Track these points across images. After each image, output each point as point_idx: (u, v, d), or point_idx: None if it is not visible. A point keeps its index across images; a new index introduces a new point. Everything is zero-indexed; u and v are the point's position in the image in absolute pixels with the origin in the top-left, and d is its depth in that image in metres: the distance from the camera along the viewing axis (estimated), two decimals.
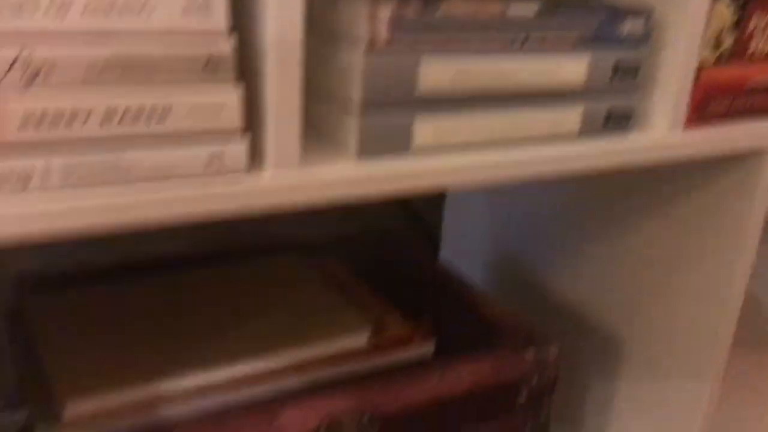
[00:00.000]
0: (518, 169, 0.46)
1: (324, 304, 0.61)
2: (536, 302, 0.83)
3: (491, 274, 0.90)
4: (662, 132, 0.53)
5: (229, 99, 0.36)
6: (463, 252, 0.94)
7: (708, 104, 0.55)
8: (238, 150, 0.37)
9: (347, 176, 0.40)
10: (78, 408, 0.47)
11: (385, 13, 0.39)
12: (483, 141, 0.45)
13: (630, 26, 0.49)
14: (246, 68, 0.39)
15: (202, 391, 0.51)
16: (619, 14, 0.48)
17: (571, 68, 0.47)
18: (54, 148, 0.33)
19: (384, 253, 0.78)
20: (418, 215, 1.04)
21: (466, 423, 0.59)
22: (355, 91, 0.40)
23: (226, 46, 0.35)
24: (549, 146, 0.48)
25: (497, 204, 0.88)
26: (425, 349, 0.59)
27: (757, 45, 0.56)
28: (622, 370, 0.74)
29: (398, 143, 0.43)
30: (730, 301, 0.64)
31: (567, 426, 0.82)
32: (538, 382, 0.62)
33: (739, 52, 0.55)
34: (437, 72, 0.42)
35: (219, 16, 0.35)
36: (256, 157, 0.39)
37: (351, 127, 0.41)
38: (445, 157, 0.44)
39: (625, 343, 0.73)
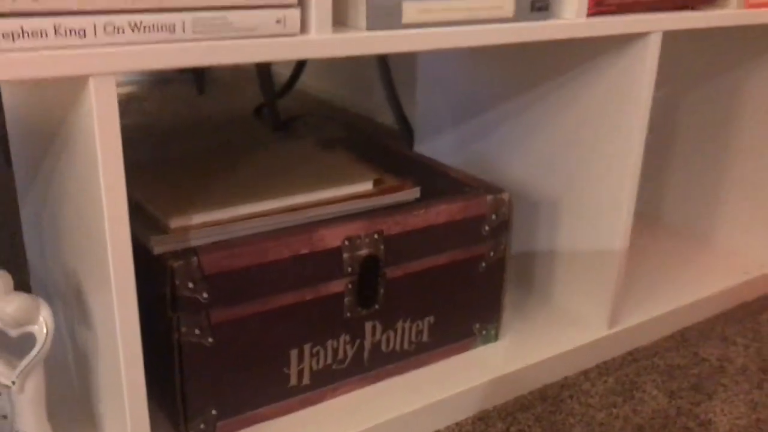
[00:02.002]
0: (473, 39, 0.67)
1: (341, 167, 0.81)
2: (487, 172, 1.04)
3: (452, 157, 1.11)
4: (571, 18, 0.74)
5: None
6: (433, 141, 1.15)
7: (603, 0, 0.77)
8: (294, 15, 0.56)
9: (360, 38, 0.60)
10: (178, 222, 0.67)
11: None
12: (448, 20, 0.66)
13: None
14: None
15: (265, 214, 0.70)
16: None
17: None
18: (188, 10, 0.52)
19: (378, 142, 0.98)
20: (402, 114, 1.28)
21: (445, 246, 0.80)
22: None
23: None
24: (493, 24, 0.69)
25: (455, 100, 1.09)
26: (413, 193, 0.80)
27: None
28: (546, 220, 0.96)
29: (392, 20, 0.63)
30: (630, 157, 0.86)
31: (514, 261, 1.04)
32: (497, 218, 0.83)
33: None
34: None
35: None
36: (305, 24, 0.59)
37: (361, 9, 0.61)
38: (423, 30, 0.64)
39: (549, 195, 0.95)
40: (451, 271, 0.81)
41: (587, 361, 0.91)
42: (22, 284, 0.79)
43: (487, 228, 0.83)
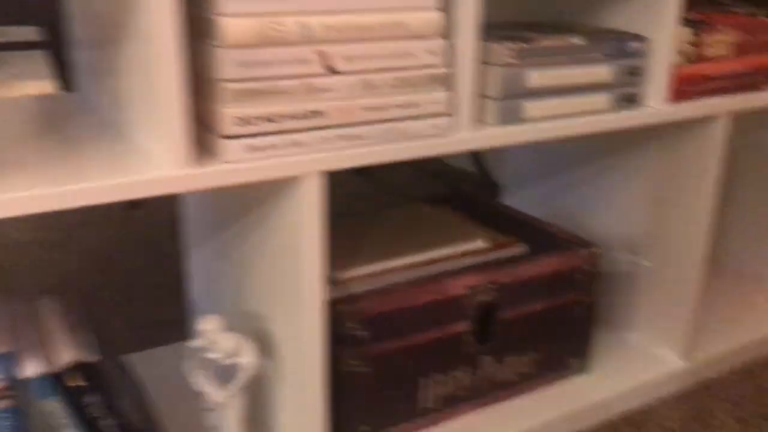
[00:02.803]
0: (577, 129, 0.83)
1: (457, 226, 0.98)
2: (571, 223, 1.19)
3: (538, 208, 1.27)
4: (655, 106, 0.90)
5: (441, 97, 0.73)
6: (518, 195, 1.31)
7: (681, 88, 0.92)
8: (447, 121, 0.74)
9: (493, 133, 0.77)
10: (344, 274, 0.84)
11: (511, 48, 0.76)
12: (559, 114, 0.82)
13: (634, 46, 0.86)
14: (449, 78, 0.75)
15: (404, 267, 0.87)
16: (628, 39, 0.86)
17: (602, 71, 0.84)
18: (378, 122, 0.69)
19: (477, 199, 1.15)
20: (485, 168, 1.44)
21: (547, 293, 0.95)
22: (495, 89, 0.77)
23: (444, 75, 0.72)
24: (591, 116, 0.85)
25: (543, 159, 1.25)
26: (521, 249, 0.96)
27: (708, 52, 0.94)
28: (627, 266, 1.11)
29: (515, 117, 0.80)
30: (702, 215, 1.00)
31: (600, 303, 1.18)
32: (590, 269, 0.98)
33: (697, 56, 0.93)
34: (537, 77, 0.79)
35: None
36: (455, 127, 0.76)
37: (492, 108, 0.78)
38: (541, 123, 0.81)
39: (629, 245, 1.10)
40: (551, 314, 0.97)
41: (665, 390, 1.06)
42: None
43: (581, 277, 0.98)
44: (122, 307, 1.33)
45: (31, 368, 0.65)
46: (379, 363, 0.85)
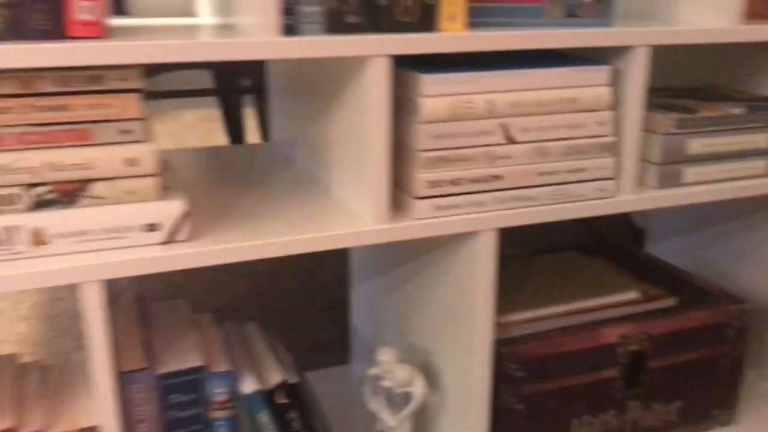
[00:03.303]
0: (733, 193, 0.87)
1: (609, 277, 1.03)
2: (715, 276, 1.21)
3: (683, 259, 1.29)
4: None
5: (607, 162, 0.80)
6: (662, 244, 1.34)
7: None
8: (611, 184, 0.80)
9: (655, 196, 0.83)
10: (504, 318, 0.92)
11: (673, 118, 0.82)
12: (719, 179, 0.87)
13: None
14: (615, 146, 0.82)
15: (561, 314, 0.94)
16: None
17: (761, 139, 0.88)
18: (548, 185, 0.78)
19: (623, 251, 1.19)
20: (633, 222, 1.48)
21: (695, 345, 0.99)
22: (657, 155, 0.83)
23: (611, 143, 0.79)
24: (748, 180, 0.89)
25: (690, 212, 1.28)
26: (671, 301, 1.00)
27: None
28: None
29: (675, 181, 0.85)
30: None
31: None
32: (739, 325, 1.01)
33: None
34: (695, 145, 0.85)
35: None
36: (618, 189, 0.82)
37: (653, 173, 0.84)
38: (699, 187, 0.86)
39: None
40: (699, 365, 1.00)
41: None
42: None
43: (730, 332, 1.01)
44: (285, 330, 1.47)
45: (247, 385, 0.77)
46: (534, 402, 0.92)
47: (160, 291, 1.62)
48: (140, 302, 0.86)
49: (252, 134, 2.30)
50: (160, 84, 1.94)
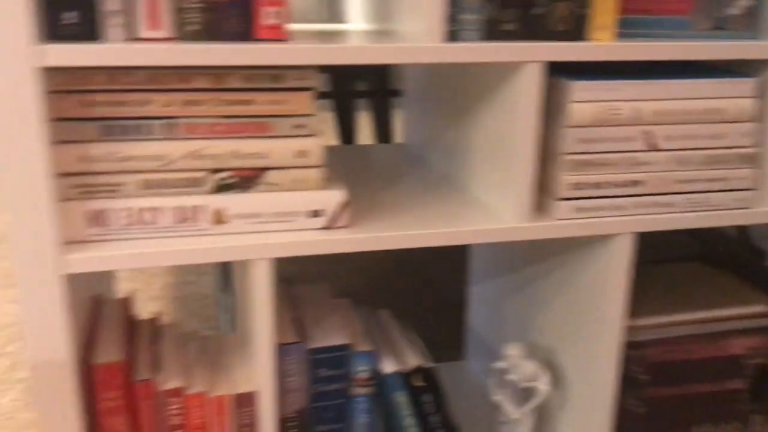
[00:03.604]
0: None
1: (735, 288, 1.04)
2: None
3: None
4: None
5: (747, 173, 0.81)
6: None
7: None
8: (750, 195, 0.81)
9: None
10: (633, 322, 0.94)
11: None
12: None
13: None
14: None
15: (688, 322, 0.95)
16: None
17: None
18: (684, 193, 0.79)
19: (747, 264, 1.19)
20: (751, 240, 1.46)
21: None
22: None
23: (752, 154, 0.80)
24: None
25: None
26: None
27: None
28: None
29: None
30: None
31: None
32: None
33: None
34: None
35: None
36: (758, 201, 0.83)
37: None
38: None
39: None
40: None
41: None
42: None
43: None
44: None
45: (387, 366, 0.82)
46: (656, 406, 0.93)
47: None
48: (287, 284, 0.93)
49: (363, 138, 2.38)
50: None
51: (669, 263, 1.15)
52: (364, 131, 2.40)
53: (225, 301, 1.54)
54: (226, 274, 1.60)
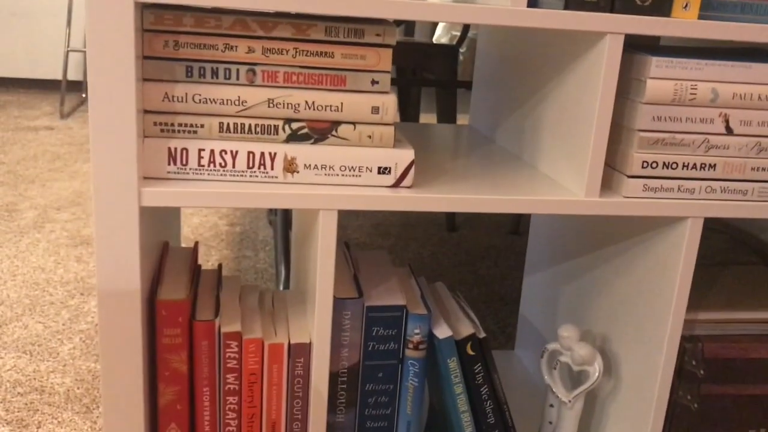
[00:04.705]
0: None
1: None
2: None
3: None
4: None
5: None
6: None
7: None
8: None
9: None
10: (691, 315, 0.92)
11: None
12: None
13: None
14: None
15: (748, 321, 0.93)
16: None
17: None
18: (760, 181, 0.78)
19: None
20: None
21: None
22: None
23: None
24: None
25: None
26: None
27: None
28: None
29: None
30: None
31: None
32: None
33: None
34: None
35: None
36: None
37: None
38: None
39: None
40: None
41: None
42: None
43: None
44: None
45: (441, 331, 0.83)
46: (711, 403, 0.91)
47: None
48: (346, 246, 0.94)
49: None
50: None
51: (730, 266, 1.13)
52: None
53: (281, 271, 1.57)
54: (286, 243, 1.62)
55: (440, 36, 4.10)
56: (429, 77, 2.14)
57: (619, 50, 0.72)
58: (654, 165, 0.76)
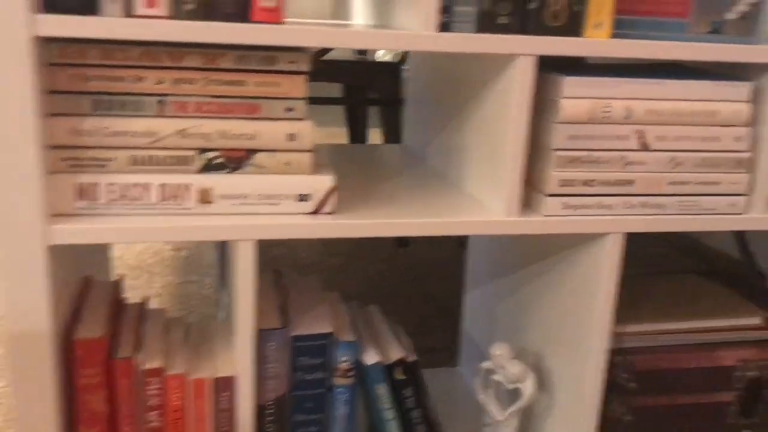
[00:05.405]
0: None
1: (729, 301, 1.02)
2: None
3: None
4: None
5: (740, 178, 0.80)
6: None
7: None
8: (742, 201, 0.81)
9: None
10: (619, 328, 0.93)
11: None
12: None
13: None
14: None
15: (678, 331, 0.94)
16: None
17: None
18: (675, 195, 0.79)
19: (744, 279, 1.17)
20: (751, 256, 1.45)
21: None
22: None
23: (746, 159, 0.79)
24: None
25: None
26: None
27: None
28: None
29: None
30: None
31: None
32: None
33: None
34: None
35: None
36: (749, 207, 0.82)
37: None
38: None
39: None
40: None
41: None
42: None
43: None
44: None
45: (369, 357, 0.82)
46: (644, 415, 0.92)
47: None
48: (277, 274, 0.93)
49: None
50: None
51: (664, 275, 1.14)
52: (376, 138, 2.42)
53: (223, 297, 1.54)
54: (225, 268, 1.60)
55: (384, 53, 4.11)
56: (374, 96, 2.14)
57: (530, 72, 0.73)
58: (572, 183, 0.77)
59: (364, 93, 2.28)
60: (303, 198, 0.74)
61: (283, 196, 0.73)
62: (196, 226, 0.70)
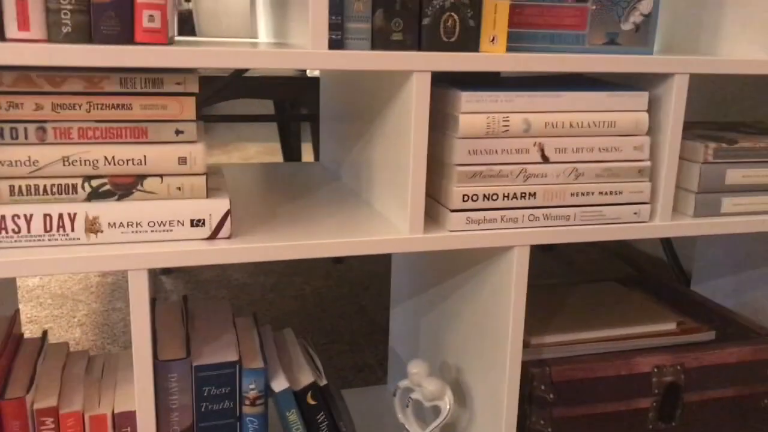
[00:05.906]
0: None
1: (646, 307, 1.03)
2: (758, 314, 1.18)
3: (726, 299, 1.27)
4: None
5: (642, 187, 0.81)
6: (707, 285, 1.32)
7: None
8: (647, 209, 0.81)
9: (690, 224, 0.83)
10: (537, 340, 0.92)
11: (711, 147, 0.83)
12: (755, 210, 0.87)
13: None
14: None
15: (594, 340, 0.94)
16: None
17: None
18: (577, 206, 0.79)
19: (664, 285, 1.19)
20: (677, 258, 1.47)
21: (733, 381, 0.97)
22: (693, 183, 0.84)
23: (647, 168, 0.80)
24: None
25: (732, 254, 1.26)
26: (709, 335, 0.99)
27: None
28: None
29: (713, 210, 0.85)
30: None
31: None
32: None
33: None
34: (734, 175, 0.85)
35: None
36: (653, 215, 0.83)
37: (690, 201, 0.85)
38: (737, 218, 0.86)
39: None
40: (737, 402, 0.98)
41: None
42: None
43: None
44: (326, 350, 1.50)
45: (277, 384, 0.79)
46: (563, 426, 0.92)
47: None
48: (185, 301, 0.90)
49: (308, 159, 2.39)
50: (224, 110, 2.05)
51: (584, 283, 1.15)
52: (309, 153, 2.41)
53: None
54: None
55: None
56: (305, 112, 2.13)
57: (426, 87, 0.72)
58: (474, 198, 0.76)
59: (298, 109, 2.26)
60: (197, 223, 0.71)
61: (176, 222, 0.71)
62: (83, 257, 0.67)
